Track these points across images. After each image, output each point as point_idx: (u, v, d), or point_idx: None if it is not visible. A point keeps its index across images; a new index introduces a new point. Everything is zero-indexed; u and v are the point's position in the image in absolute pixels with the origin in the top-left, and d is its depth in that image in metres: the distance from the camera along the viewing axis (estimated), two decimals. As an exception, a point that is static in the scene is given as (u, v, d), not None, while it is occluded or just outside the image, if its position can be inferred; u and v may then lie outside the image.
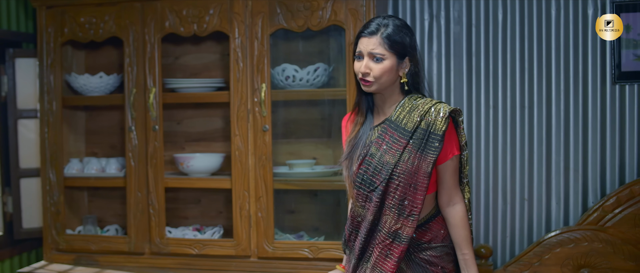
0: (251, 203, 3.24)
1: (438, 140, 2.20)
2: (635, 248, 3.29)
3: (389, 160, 2.24)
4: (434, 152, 2.20)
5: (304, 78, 3.26)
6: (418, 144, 2.22)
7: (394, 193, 2.23)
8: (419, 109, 2.25)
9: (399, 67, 2.27)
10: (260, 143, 3.21)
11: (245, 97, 3.21)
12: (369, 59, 2.25)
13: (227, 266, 3.31)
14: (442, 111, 2.23)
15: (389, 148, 2.25)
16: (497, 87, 3.51)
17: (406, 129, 2.24)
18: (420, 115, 2.23)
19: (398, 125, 2.26)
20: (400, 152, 2.23)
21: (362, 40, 2.27)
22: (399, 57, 2.25)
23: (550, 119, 3.47)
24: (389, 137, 2.26)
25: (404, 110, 2.28)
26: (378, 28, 2.25)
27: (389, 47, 2.23)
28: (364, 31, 2.27)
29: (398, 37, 2.24)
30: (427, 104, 2.26)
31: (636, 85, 3.38)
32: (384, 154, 2.26)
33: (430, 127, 2.22)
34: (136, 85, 3.35)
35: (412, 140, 2.23)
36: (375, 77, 2.24)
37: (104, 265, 3.44)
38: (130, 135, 3.37)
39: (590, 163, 3.45)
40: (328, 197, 3.51)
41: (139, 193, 3.38)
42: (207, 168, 3.43)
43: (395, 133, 2.26)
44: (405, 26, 2.28)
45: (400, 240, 2.24)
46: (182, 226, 3.62)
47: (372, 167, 2.27)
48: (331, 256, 3.18)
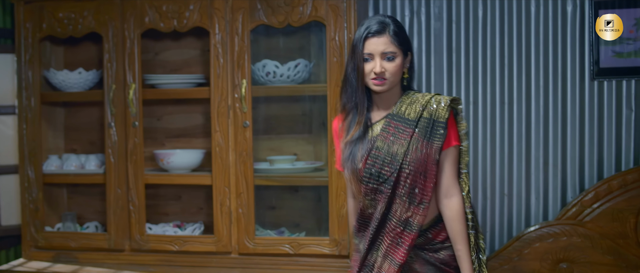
0: (232, 199, 3.24)
1: (442, 127, 2.23)
2: (613, 242, 3.32)
3: (397, 150, 2.25)
4: (439, 139, 2.23)
5: (284, 74, 3.26)
6: (424, 132, 2.24)
7: (405, 182, 2.25)
8: (419, 100, 2.28)
9: (404, 63, 2.29)
10: (241, 139, 3.20)
11: (226, 93, 3.20)
12: (381, 58, 2.24)
13: (208, 262, 3.31)
14: (443, 101, 2.26)
15: (396, 139, 2.26)
16: (477, 83, 3.52)
17: (410, 119, 2.26)
18: (422, 105, 2.26)
19: (401, 116, 2.28)
20: (408, 141, 2.25)
21: (370, 41, 2.25)
22: (404, 53, 2.28)
23: (529, 115, 3.49)
24: (394, 129, 2.28)
25: (404, 103, 2.30)
26: (384, 27, 2.25)
27: (399, 44, 2.25)
28: (369, 32, 2.25)
29: (402, 33, 2.27)
30: (426, 96, 2.28)
31: (614, 82, 3.41)
32: (392, 145, 2.26)
33: (433, 115, 2.24)
34: (116, 81, 3.33)
35: (418, 129, 2.25)
36: (390, 74, 2.25)
37: (83, 262, 3.42)
38: (109, 131, 3.35)
39: (569, 159, 3.47)
40: (309, 193, 3.51)
41: (119, 189, 3.36)
42: (188, 165, 3.42)
43: (400, 124, 2.27)
44: (400, 22, 2.31)
45: (410, 229, 2.25)
46: (163, 222, 3.60)
47: (381, 160, 2.27)
48: (312, 252, 3.18)
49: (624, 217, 3.33)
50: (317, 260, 3.19)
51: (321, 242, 3.18)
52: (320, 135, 3.45)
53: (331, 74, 3.09)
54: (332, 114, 3.09)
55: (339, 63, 3.08)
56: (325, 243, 3.17)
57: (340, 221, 3.13)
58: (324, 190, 3.22)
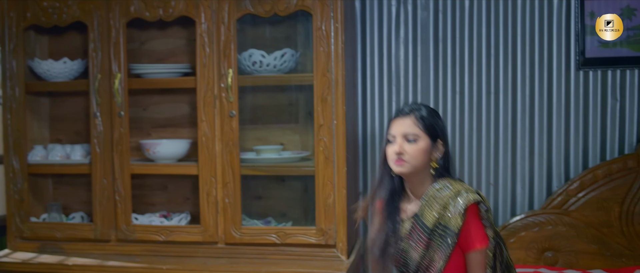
0: (218, 189, 3.23)
1: (451, 237, 2.22)
2: (597, 231, 3.35)
3: (415, 257, 2.30)
4: (446, 249, 2.23)
5: (271, 63, 3.25)
6: (438, 241, 2.25)
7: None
8: (439, 201, 2.26)
9: (432, 150, 2.29)
10: (227, 129, 3.19)
11: (212, 82, 3.19)
12: (403, 140, 2.28)
13: (195, 252, 3.30)
14: (460, 206, 2.22)
15: (415, 245, 2.30)
16: (464, 73, 3.53)
17: (427, 226, 2.27)
18: (438, 211, 2.25)
19: (422, 221, 2.29)
20: (423, 250, 2.28)
21: (395, 121, 2.31)
22: (432, 138, 2.28)
23: (515, 105, 3.50)
24: (415, 234, 2.31)
25: (427, 204, 2.29)
26: (412, 110, 2.30)
27: (423, 127, 2.27)
28: (399, 114, 2.31)
29: (431, 119, 2.28)
30: (448, 196, 2.25)
31: (600, 71, 3.43)
32: (412, 251, 2.31)
33: (447, 224, 2.23)
34: (101, 71, 3.31)
35: (433, 236, 2.26)
36: (410, 157, 2.26)
37: (69, 252, 3.40)
38: (95, 121, 3.33)
39: (555, 148, 3.49)
40: (295, 183, 3.51)
41: (105, 180, 3.34)
42: (174, 155, 3.40)
43: (420, 229, 2.30)
44: (435, 111, 2.33)
45: None
46: (149, 213, 3.59)
47: (406, 262, 2.34)
48: (299, 241, 3.18)
49: (608, 206, 3.35)
50: (303, 249, 3.19)
51: (308, 232, 3.18)
52: (307, 125, 3.45)
53: (318, 64, 3.09)
54: (318, 103, 3.09)
55: (326, 52, 3.07)
56: (311, 233, 3.17)
57: (327, 211, 3.13)
58: (311, 180, 3.22)
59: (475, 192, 2.26)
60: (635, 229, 3.33)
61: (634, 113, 3.42)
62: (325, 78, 3.08)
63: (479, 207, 2.25)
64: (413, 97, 3.56)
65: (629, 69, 3.41)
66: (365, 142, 3.63)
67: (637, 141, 3.42)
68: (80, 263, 3.24)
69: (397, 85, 3.58)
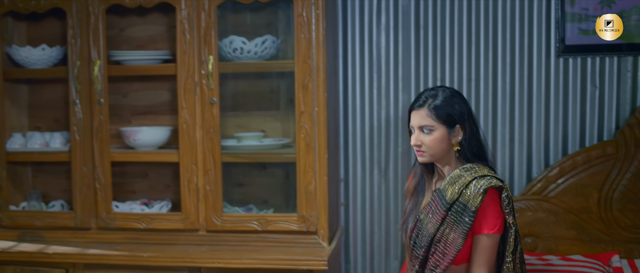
0: (199, 176, 3.22)
1: (469, 216, 2.24)
2: (576, 217, 3.38)
3: (430, 230, 2.33)
4: (463, 227, 2.25)
5: (252, 50, 3.24)
6: (454, 218, 2.28)
7: (431, 259, 2.34)
8: (462, 180, 2.29)
9: (451, 136, 2.33)
10: (208, 116, 3.18)
11: (193, 69, 3.18)
12: (419, 131, 2.35)
13: (176, 240, 3.29)
14: (480, 186, 2.25)
15: (433, 217, 2.34)
16: (445, 60, 3.54)
17: (446, 200, 2.30)
18: (460, 188, 2.28)
19: (443, 195, 2.33)
20: (439, 223, 2.31)
21: (412, 114, 2.38)
22: (449, 126, 2.32)
23: (496, 92, 3.52)
24: (435, 206, 2.35)
25: (451, 180, 2.33)
26: (426, 100, 2.35)
27: (436, 117, 2.31)
28: (414, 105, 2.37)
29: (446, 107, 2.32)
30: (470, 177, 2.29)
31: (579, 59, 3.45)
32: (428, 222, 2.35)
33: (466, 202, 2.26)
34: (80, 58, 3.28)
35: (450, 212, 2.29)
36: (427, 147, 2.34)
37: (49, 241, 3.38)
38: (74, 108, 3.31)
39: (535, 135, 3.51)
40: (277, 170, 3.51)
41: (85, 167, 3.32)
42: (154, 142, 3.39)
43: (439, 203, 2.33)
44: (454, 95, 2.36)
45: None
46: (130, 200, 3.58)
47: (421, 233, 2.38)
48: (280, 228, 3.19)
49: (587, 192, 3.38)
50: (285, 236, 3.20)
51: (289, 219, 3.18)
52: (288, 111, 3.44)
53: (299, 51, 3.08)
54: (299, 90, 3.08)
55: (307, 39, 3.06)
56: (293, 220, 3.17)
57: (308, 197, 3.13)
58: (292, 167, 3.22)
59: (499, 179, 2.29)
60: (613, 215, 3.36)
61: (612, 100, 3.45)
62: (306, 65, 3.08)
63: (500, 193, 2.28)
64: (394, 84, 3.56)
65: (608, 57, 3.43)
66: (346, 129, 3.63)
67: (616, 128, 3.45)
68: (61, 252, 3.23)
69: (378, 72, 3.58)
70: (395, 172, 3.61)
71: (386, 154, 3.61)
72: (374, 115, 3.60)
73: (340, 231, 3.54)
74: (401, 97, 3.57)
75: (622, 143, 3.35)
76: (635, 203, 3.35)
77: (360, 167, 3.64)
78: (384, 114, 3.59)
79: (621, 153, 3.35)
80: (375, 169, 3.63)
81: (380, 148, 3.61)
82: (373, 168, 3.63)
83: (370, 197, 3.65)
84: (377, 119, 3.60)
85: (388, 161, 3.61)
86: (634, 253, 3.34)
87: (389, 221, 3.64)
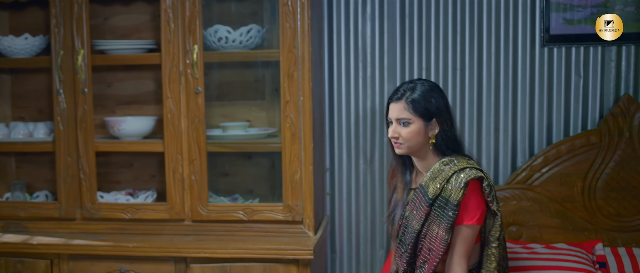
0: (184, 166, 3.21)
1: (452, 209, 2.28)
2: (560, 205, 3.40)
3: (415, 226, 2.37)
4: (447, 221, 2.29)
5: (237, 39, 3.22)
6: (438, 212, 2.32)
7: (419, 256, 2.37)
8: (443, 175, 2.33)
9: (427, 129, 2.37)
10: (193, 105, 3.17)
11: (177, 59, 3.16)
12: (397, 124, 2.40)
13: (161, 230, 3.29)
14: (461, 180, 2.29)
15: (416, 214, 2.38)
16: (430, 50, 3.54)
17: (429, 196, 2.34)
18: (441, 183, 2.32)
19: (425, 192, 2.37)
20: (423, 219, 2.35)
21: (390, 106, 2.42)
22: (426, 119, 2.36)
23: (481, 81, 3.53)
24: (418, 202, 2.39)
25: (432, 176, 2.37)
26: (404, 93, 2.38)
27: (414, 111, 2.35)
28: (393, 97, 2.42)
29: (423, 101, 2.36)
30: (450, 171, 2.33)
31: (564, 48, 3.46)
32: (413, 219, 2.39)
33: (448, 196, 2.30)
34: (63, 47, 3.25)
35: (434, 207, 2.34)
36: (404, 139, 2.38)
37: (33, 231, 3.37)
38: (58, 98, 3.28)
39: (519, 124, 3.53)
40: (262, 159, 3.51)
41: (69, 158, 3.30)
42: (139, 132, 3.37)
43: (422, 199, 2.37)
44: (433, 89, 2.40)
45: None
46: (114, 191, 3.56)
47: (407, 230, 2.43)
48: (266, 218, 3.19)
49: (571, 181, 3.40)
50: (270, 226, 3.20)
51: (275, 208, 3.18)
52: (273, 101, 3.44)
53: (284, 40, 3.07)
54: (284, 79, 3.08)
55: (292, 29, 3.06)
56: (278, 209, 3.17)
57: (294, 187, 3.13)
58: (278, 157, 3.22)
59: (479, 169, 2.34)
60: (597, 204, 3.39)
61: (596, 89, 3.47)
62: (292, 54, 3.07)
63: (481, 184, 2.32)
64: (379, 73, 3.56)
65: (592, 46, 3.45)
66: (332, 118, 3.63)
67: (600, 117, 3.47)
68: (45, 242, 3.21)
69: (364, 62, 3.58)
70: (381, 161, 3.61)
71: (371, 143, 3.62)
72: (359, 105, 3.60)
73: (326, 220, 3.54)
74: (386, 86, 3.57)
75: (605, 132, 3.37)
76: (619, 191, 3.37)
77: (345, 156, 3.64)
78: (369, 103, 3.59)
79: (605, 143, 3.37)
80: (360, 158, 3.63)
81: (365, 138, 3.62)
82: (358, 158, 3.63)
83: (355, 186, 3.65)
84: (363, 109, 3.60)
85: (374, 150, 3.62)
86: (617, 241, 3.37)
87: (374, 210, 3.65)
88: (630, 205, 3.37)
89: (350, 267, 3.71)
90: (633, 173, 3.35)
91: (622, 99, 3.37)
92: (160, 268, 3.14)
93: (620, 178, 3.36)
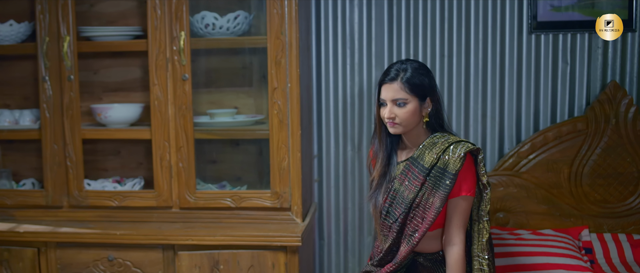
0: (172, 153, 3.20)
1: (450, 178, 2.31)
2: (547, 192, 3.42)
3: (408, 196, 2.39)
4: (443, 190, 2.32)
5: (224, 26, 3.21)
6: (433, 181, 2.35)
7: (409, 225, 2.38)
8: (438, 147, 2.36)
9: (422, 108, 2.40)
10: (180, 92, 3.15)
11: (164, 45, 3.14)
12: (393, 104, 2.40)
13: (149, 217, 3.28)
14: (459, 151, 2.32)
15: (409, 184, 2.40)
16: (418, 36, 3.54)
17: (424, 166, 2.36)
18: (438, 153, 2.35)
19: (419, 162, 2.39)
20: (418, 189, 2.37)
21: (384, 87, 2.42)
22: (420, 98, 2.39)
23: (469, 68, 3.53)
24: (411, 174, 2.41)
25: (426, 148, 2.40)
26: (397, 73, 2.39)
27: (410, 90, 2.37)
28: (385, 78, 2.42)
29: (417, 80, 2.38)
30: (447, 142, 2.36)
31: (551, 35, 3.47)
32: (405, 189, 2.40)
33: (445, 166, 2.32)
34: (49, 34, 3.22)
35: (429, 177, 2.36)
36: (401, 120, 2.39)
37: (20, 219, 3.35)
38: (44, 85, 3.26)
39: (507, 111, 3.54)
40: (250, 146, 3.50)
41: (56, 145, 3.28)
42: (126, 119, 3.35)
43: (416, 169, 2.39)
44: (423, 68, 2.42)
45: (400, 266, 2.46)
46: (102, 178, 3.55)
47: (396, 201, 2.44)
48: (254, 205, 3.18)
49: (558, 168, 3.42)
50: (258, 213, 3.20)
51: (262, 195, 3.18)
52: (261, 88, 3.43)
53: (271, 26, 3.06)
54: (272, 66, 3.07)
55: (279, 15, 3.04)
56: (266, 196, 3.17)
57: (282, 174, 3.13)
58: (265, 143, 3.21)
59: (472, 144, 2.38)
60: (583, 190, 3.41)
61: (583, 76, 3.48)
62: (279, 41, 3.06)
63: (476, 157, 2.36)
64: (367, 60, 3.56)
65: (579, 33, 3.46)
66: (319, 105, 3.63)
67: (587, 104, 3.49)
68: (32, 230, 3.19)
69: (351, 48, 3.57)
70: (369, 148, 3.61)
71: (359, 130, 3.62)
72: (347, 91, 3.60)
73: (314, 207, 3.55)
74: (374, 72, 3.57)
75: (592, 119, 3.39)
76: (605, 178, 3.39)
77: (333, 143, 3.64)
78: (357, 90, 3.59)
79: (591, 129, 3.39)
80: (348, 145, 3.63)
81: (353, 125, 3.62)
82: (346, 145, 3.63)
83: (343, 173, 3.66)
84: (351, 95, 3.60)
85: (361, 137, 3.62)
86: (603, 227, 3.40)
87: (362, 197, 3.65)
88: (616, 192, 3.40)
89: (338, 253, 3.72)
90: (619, 160, 3.38)
91: (608, 85, 3.39)
92: (148, 256, 3.13)
93: (607, 165, 3.39)
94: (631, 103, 3.36)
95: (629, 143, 3.36)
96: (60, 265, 3.18)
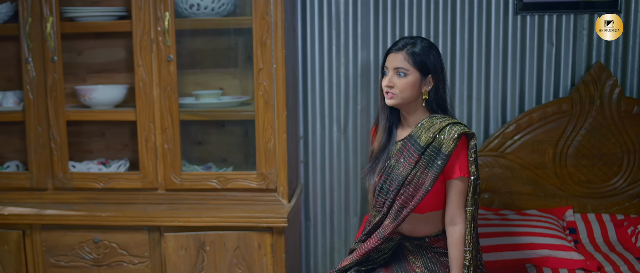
0: (157, 135, 3.19)
1: (442, 159, 2.33)
2: (532, 172, 3.44)
3: (402, 173, 2.41)
4: (435, 170, 2.34)
5: (209, 6, 3.19)
6: (427, 160, 2.37)
7: (398, 201, 2.41)
8: (435, 127, 2.37)
9: (422, 84, 2.40)
10: (165, 73, 3.14)
11: (148, 26, 3.12)
12: (394, 73, 2.41)
13: (134, 199, 3.27)
14: (454, 132, 2.33)
15: (404, 162, 2.42)
16: (404, 17, 3.53)
17: (420, 144, 2.38)
18: (434, 133, 2.36)
19: (415, 140, 2.40)
20: (412, 167, 2.39)
21: (389, 56, 2.43)
22: (422, 74, 2.39)
23: (454, 49, 3.53)
24: (407, 151, 2.42)
25: (423, 127, 2.41)
26: (405, 45, 2.41)
27: (413, 63, 2.38)
28: (392, 48, 2.43)
29: (423, 55, 2.39)
30: (443, 123, 2.37)
31: (537, 16, 3.47)
32: (400, 166, 2.42)
33: (440, 146, 2.34)
34: (32, 14, 3.19)
35: (423, 156, 2.38)
36: (399, 90, 2.39)
37: (5, 202, 3.33)
38: (27, 66, 3.23)
39: (492, 92, 3.54)
40: (235, 128, 3.49)
41: (40, 127, 3.26)
42: (111, 101, 3.33)
43: (412, 147, 2.40)
44: (431, 46, 2.43)
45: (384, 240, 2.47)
46: (87, 160, 3.53)
47: (390, 178, 2.45)
48: (240, 186, 3.18)
49: (543, 149, 3.44)
50: (244, 194, 3.20)
51: (248, 176, 3.18)
52: (246, 69, 3.41)
53: (256, 7, 3.04)
54: (257, 47, 3.05)
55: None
56: (252, 178, 3.17)
57: (267, 155, 3.13)
58: (251, 125, 3.21)
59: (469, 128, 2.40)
60: (567, 170, 3.43)
61: (568, 57, 3.49)
62: (264, 21, 3.04)
63: (470, 141, 2.38)
64: (353, 41, 3.55)
65: (564, 14, 3.46)
66: (305, 86, 3.62)
67: (572, 85, 3.50)
68: (17, 213, 3.18)
69: (337, 29, 3.56)
70: (355, 129, 3.62)
71: (345, 111, 3.61)
72: (333, 73, 3.59)
73: (300, 188, 3.55)
74: (360, 54, 3.56)
75: (577, 100, 3.40)
76: (589, 159, 3.41)
77: (319, 124, 3.64)
78: (343, 71, 3.58)
79: (576, 110, 3.40)
80: (334, 126, 3.63)
81: (339, 106, 3.61)
82: (332, 126, 3.63)
83: (329, 154, 3.66)
84: (336, 76, 3.59)
85: (347, 118, 3.62)
86: (587, 207, 3.42)
87: (348, 178, 3.66)
88: (600, 172, 3.42)
89: (324, 234, 3.74)
90: (603, 141, 3.40)
91: (593, 66, 3.40)
92: (134, 237, 3.13)
93: (591, 146, 3.40)
94: (616, 84, 3.37)
95: (613, 124, 3.38)
96: (45, 247, 3.18)
